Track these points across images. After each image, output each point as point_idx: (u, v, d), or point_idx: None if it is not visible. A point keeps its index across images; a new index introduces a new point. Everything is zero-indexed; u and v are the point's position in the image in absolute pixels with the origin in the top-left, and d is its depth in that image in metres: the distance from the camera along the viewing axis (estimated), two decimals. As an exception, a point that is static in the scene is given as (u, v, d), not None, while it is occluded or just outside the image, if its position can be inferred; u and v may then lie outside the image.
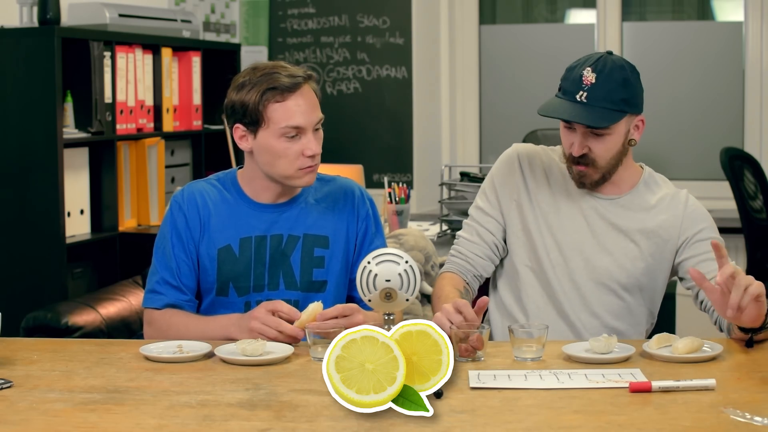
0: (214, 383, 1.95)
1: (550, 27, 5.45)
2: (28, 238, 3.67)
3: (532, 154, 2.53)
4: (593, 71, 2.33)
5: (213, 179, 2.52)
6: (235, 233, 2.43)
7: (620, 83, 2.34)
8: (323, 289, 2.45)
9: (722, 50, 5.20)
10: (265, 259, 2.42)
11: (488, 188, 2.55)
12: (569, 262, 2.44)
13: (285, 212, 2.46)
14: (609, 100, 2.33)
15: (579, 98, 2.33)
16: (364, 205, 2.52)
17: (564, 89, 2.37)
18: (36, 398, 1.86)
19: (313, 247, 2.45)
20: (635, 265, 2.43)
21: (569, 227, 2.45)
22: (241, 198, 2.46)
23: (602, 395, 1.84)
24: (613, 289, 2.44)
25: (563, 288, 2.44)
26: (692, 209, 2.45)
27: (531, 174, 2.51)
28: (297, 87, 2.36)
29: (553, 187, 2.49)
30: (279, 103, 2.35)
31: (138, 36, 4.10)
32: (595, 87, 2.32)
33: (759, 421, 1.66)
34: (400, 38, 5.27)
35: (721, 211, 4.95)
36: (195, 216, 2.44)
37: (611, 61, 2.35)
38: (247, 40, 5.43)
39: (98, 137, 3.88)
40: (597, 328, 2.41)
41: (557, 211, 2.47)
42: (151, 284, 2.45)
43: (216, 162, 4.60)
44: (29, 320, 2.83)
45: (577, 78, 2.34)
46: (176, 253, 2.43)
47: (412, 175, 5.29)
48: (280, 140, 2.37)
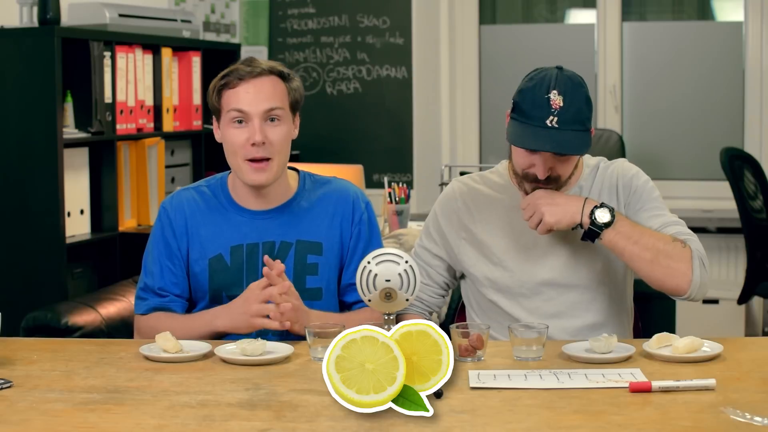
0: (214, 383, 1.95)
1: (550, 27, 5.46)
2: (28, 238, 3.66)
3: (468, 188, 2.48)
4: (559, 94, 2.26)
5: (203, 185, 2.48)
6: (225, 242, 2.40)
7: (585, 102, 2.30)
8: (318, 296, 2.41)
9: (722, 50, 5.20)
10: (258, 266, 2.37)
11: (433, 229, 2.51)
12: (536, 277, 2.40)
13: (277, 218, 2.42)
14: (578, 122, 2.28)
15: (550, 123, 2.26)
16: (359, 209, 2.46)
17: (528, 114, 2.28)
18: (36, 398, 1.86)
19: (306, 253, 2.40)
20: (602, 258, 2.39)
21: (527, 243, 2.41)
22: (230, 205, 2.43)
23: (602, 395, 1.84)
24: (587, 287, 2.40)
25: (537, 304, 2.40)
26: (624, 178, 2.42)
27: (475, 207, 2.46)
28: (251, 76, 2.34)
29: (500, 212, 2.44)
30: (231, 89, 2.35)
31: (138, 36, 4.10)
32: (564, 110, 2.26)
33: (759, 421, 1.66)
34: (400, 38, 5.27)
35: (721, 211, 4.96)
36: (182, 225, 2.42)
37: (568, 78, 2.29)
38: (247, 40, 5.43)
39: (98, 137, 3.87)
40: (580, 330, 2.40)
41: (511, 231, 2.42)
42: (137, 291, 2.46)
43: (216, 162, 4.58)
44: (29, 320, 2.83)
45: (544, 102, 2.26)
46: (160, 260, 2.42)
47: (412, 175, 5.29)
48: (229, 127, 2.35)
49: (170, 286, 2.42)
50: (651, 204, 2.40)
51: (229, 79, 2.35)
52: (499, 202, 2.46)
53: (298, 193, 2.45)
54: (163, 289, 2.41)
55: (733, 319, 4.84)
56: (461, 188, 2.50)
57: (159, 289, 2.41)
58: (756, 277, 4.42)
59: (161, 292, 2.41)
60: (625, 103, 5.26)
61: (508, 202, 2.45)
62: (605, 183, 2.43)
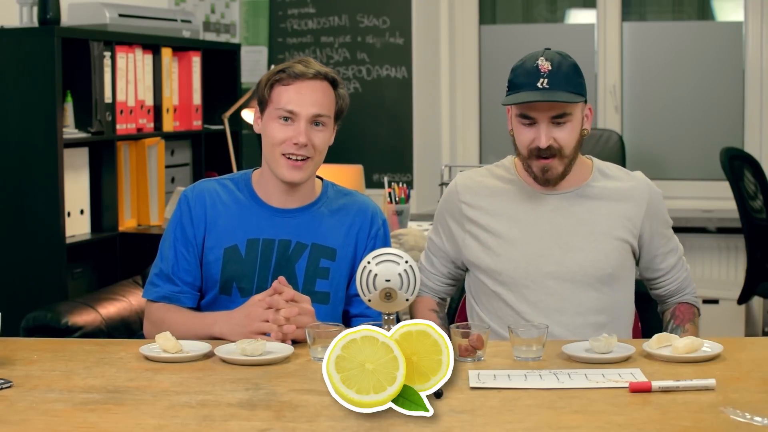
0: (214, 383, 1.95)
1: (550, 27, 5.46)
2: (28, 238, 3.67)
3: (473, 181, 2.53)
4: (547, 60, 2.36)
5: (226, 179, 2.51)
6: (243, 234, 2.42)
7: (573, 69, 2.39)
8: (326, 300, 2.42)
9: (722, 50, 5.20)
10: (271, 262, 2.41)
11: (439, 223, 2.57)
12: (542, 270, 2.42)
13: (296, 218, 2.44)
14: (569, 83, 2.36)
15: (541, 85, 2.34)
16: (376, 223, 2.49)
17: (519, 84, 2.37)
18: (36, 398, 1.86)
19: (319, 257, 2.43)
20: (608, 256, 2.43)
21: (534, 235, 2.43)
22: (253, 199, 2.46)
23: (602, 395, 1.84)
24: (591, 284, 2.42)
25: (540, 297, 2.41)
26: (655, 194, 2.50)
27: (476, 202, 2.50)
28: (305, 77, 2.38)
29: (507, 204, 2.48)
30: (284, 86, 2.39)
31: (138, 36, 4.10)
32: (554, 73, 2.35)
33: (759, 421, 1.66)
34: (400, 38, 5.27)
35: (721, 211, 4.96)
36: (201, 213, 2.44)
37: (556, 52, 2.40)
38: (247, 40, 5.43)
39: (98, 137, 3.88)
40: (582, 327, 2.40)
41: (518, 223, 2.45)
42: (151, 275, 2.47)
43: (216, 162, 4.60)
44: (29, 320, 2.83)
45: (533, 69, 2.35)
46: (177, 247, 2.44)
47: (412, 175, 5.29)
48: (275, 122, 2.39)
49: (182, 273, 2.43)
50: (668, 232, 2.54)
51: (283, 76, 2.39)
52: (505, 194, 2.48)
53: (320, 199, 2.49)
54: (176, 274, 2.43)
55: (733, 319, 4.84)
56: (465, 182, 2.53)
57: (172, 277, 2.43)
58: (756, 277, 4.42)
59: (174, 279, 2.43)
60: (625, 103, 5.26)
61: (514, 193, 2.48)
62: (653, 198, 2.50)
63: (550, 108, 2.35)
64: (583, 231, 2.43)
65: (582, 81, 2.41)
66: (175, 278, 2.43)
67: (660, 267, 2.52)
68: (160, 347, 2.13)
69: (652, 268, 2.53)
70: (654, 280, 2.55)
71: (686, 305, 2.54)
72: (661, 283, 2.55)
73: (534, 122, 2.37)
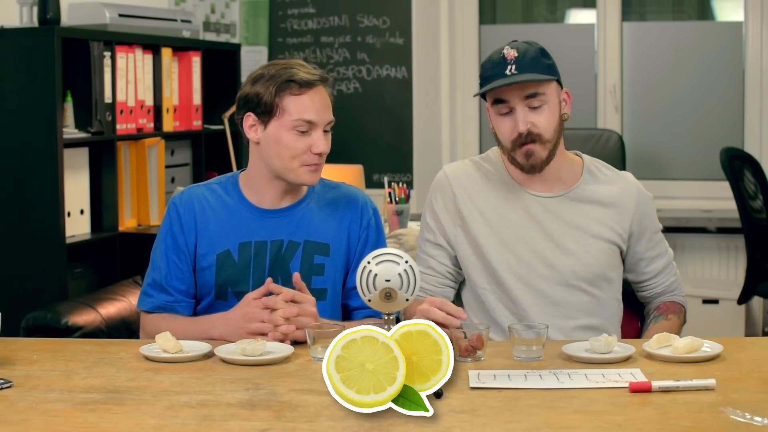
0: (214, 383, 1.95)
1: (550, 27, 5.46)
2: (28, 238, 3.67)
3: (464, 172, 2.51)
4: (512, 48, 2.38)
5: (214, 183, 2.50)
6: (234, 238, 2.42)
7: (540, 52, 2.40)
8: (323, 297, 2.41)
9: (722, 50, 5.20)
10: (265, 264, 2.40)
11: (429, 218, 2.52)
12: (532, 272, 2.41)
13: (286, 217, 2.44)
14: (537, 66, 2.37)
15: (509, 71, 2.35)
16: (367, 213, 2.48)
17: (489, 76, 2.38)
18: (36, 398, 1.86)
19: (313, 254, 2.42)
20: (599, 259, 2.43)
21: (524, 237, 2.43)
22: (241, 202, 2.45)
23: (602, 395, 1.84)
24: (582, 287, 2.42)
25: (531, 300, 2.41)
26: (643, 198, 2.51)
27: (467, 194, 2.48)
28: (313, 84, 2.37)
29: (497, 200, 2.47)
30: (295, 96, 2.36)
31: (138, 36, 4.10)
32: (520, 58, 2.36)
33: (759, 421, 1.66)
34: (400, 38, 5.27)
35: (721, 211, 4.96)
36: (191, 221, 2.43)
37: (522, 42, 2.42)
38: (247, 40, 5.43)
39: (98, 137, 3.88)
40: (572, 329, 2.40)
41: (508, 223, 2.44)
42: (144, 285, 2.46)
43: (216, 162, 4.60)
44: (29, 320, 2.83)
45: (499, 59, 2.37)
46: (168, 256, 2.43)
47: (412, 175, 5.29)
48: (290, 132, 2.37)
49: (176, 282, 2.42)
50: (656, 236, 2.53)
51: (291, 84, 2.36)
52: (495, 195, 2.47)
53: (308, 195, 2.48)
54: (169, 283, 2.42)
55: (733, 319, 4.84)
56: (455, 174, 2.51)
57: (165, 287, 2.42)
58: (756, 277, 4.42)
59: (168, 288, 2.42)
60: (625, 103, 5.26)
61: (505, 193, 2.46)
62: (641, 201, 2.50)
63: (522, 88, 2.36)
64: (573, 235, 2.42)
65: (551, 63, 2.41)
66: (169, 287, 2.42)
67: (645, 270, 2.52)
68: (160, 347, 2.13)
69: (638, 271, 2.53)
70: (639, 283, 2.55)
71: (671, 302, 2.54)
72: (647, 285, 2.55)
73: (510, 110, 2.38)
